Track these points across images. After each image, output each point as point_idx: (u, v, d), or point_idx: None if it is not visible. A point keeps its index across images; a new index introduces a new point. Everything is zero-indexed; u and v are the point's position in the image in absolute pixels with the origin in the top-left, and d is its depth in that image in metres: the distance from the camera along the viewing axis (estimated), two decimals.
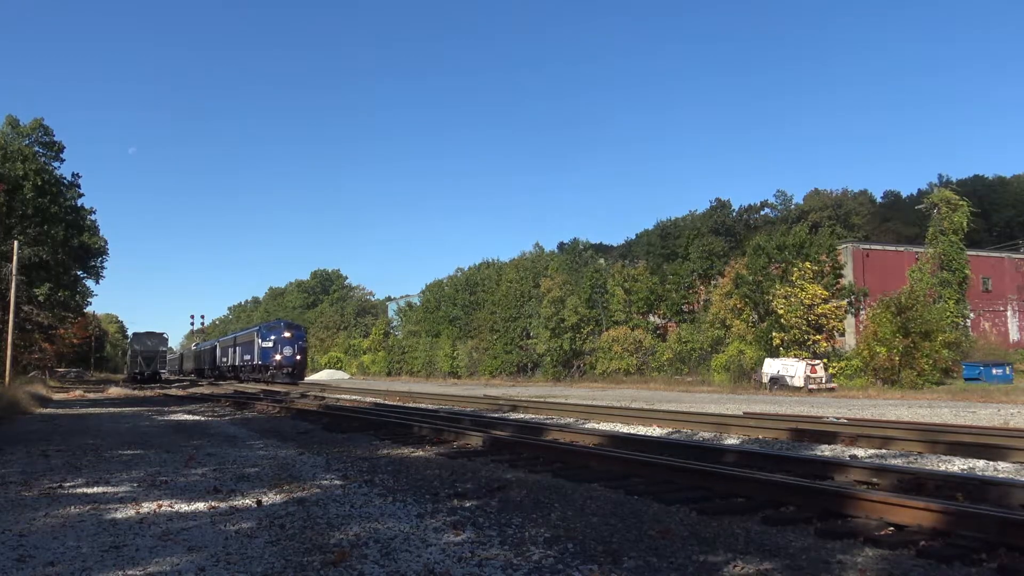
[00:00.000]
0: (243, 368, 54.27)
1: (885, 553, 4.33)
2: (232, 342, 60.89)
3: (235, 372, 57.36)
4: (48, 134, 42.20)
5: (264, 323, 56.54)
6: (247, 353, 52.45)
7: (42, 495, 6.41)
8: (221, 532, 4.90)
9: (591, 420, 14.32)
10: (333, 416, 15.33)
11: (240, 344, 56.39)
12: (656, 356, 47.23)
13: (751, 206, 75.00)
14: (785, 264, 38.52)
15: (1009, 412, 17.33)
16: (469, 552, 4.30)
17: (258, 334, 50.04)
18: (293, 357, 47.71)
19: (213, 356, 67.80)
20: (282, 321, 53.66)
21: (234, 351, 57.91)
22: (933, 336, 32.90)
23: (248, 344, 52.85)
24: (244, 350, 54.08)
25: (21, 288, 34.64)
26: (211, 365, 68.04)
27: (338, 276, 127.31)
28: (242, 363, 54.12)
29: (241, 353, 54.50)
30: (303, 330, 54.51)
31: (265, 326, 51.75)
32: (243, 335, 57.78)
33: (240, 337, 58.78)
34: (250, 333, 54.31)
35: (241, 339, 57.56)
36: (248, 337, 54.13)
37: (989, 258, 54.59)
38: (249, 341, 52.68)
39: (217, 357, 65.35)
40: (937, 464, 8.00)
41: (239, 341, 57.87)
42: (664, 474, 6.88)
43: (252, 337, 51.90)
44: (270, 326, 51.45)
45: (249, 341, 52.68)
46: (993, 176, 79.00)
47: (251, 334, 53.14)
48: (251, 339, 52.03)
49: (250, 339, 52.61)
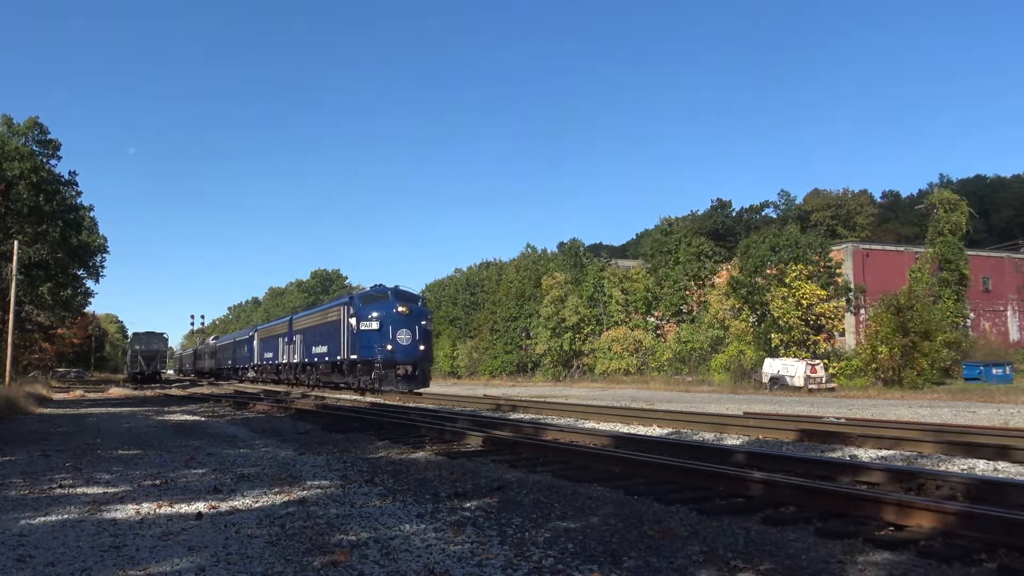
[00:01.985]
0: (305, 367, 35.86)
1: (885, 553, 4.33)
2: (284, 330, 40.49)
3: (283, 372, 40.29)
4: (44, 132, 42.10)
5: (357, 292, 34.43)
6: (321, 342, 33.03)
7: (42, 495, 6.41)
8: (221, 532, 4.90)
9: (591, 420, 14.32)
10: (333, 416, 15.32)
11: (303, 331, 36.52)
12: (656, 356, 47.24)
13: (752, 206, 75.04)
14: (780, 265, 38.56)
15: (1009, 412, 17.33)
16: (469, 552, 4.30)
17: (350, 310, 29.52)
18: (415, 347, 27.66)
19: (239, 352, 52.74)
20: (388, 288, 29.53)
21: (286, 343, 39.28)
22: (933, 336, 32.92)
23: (324, 330, 33.02)
24: (311, 338, 34.70)
25: (21, 288, 34.66)
26: (236, 364, 53.28)
27: (338, 276, 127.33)
28: (307, 359, 35.26)
29: (306, 345, 35.56)
30: (423, 302, 32.00)
31: (361, 296, 30.20)
32: (307, 317, 37.37)
33: (301, 321, 37.91)
34: (327, 312, 33.60)
35: (303, 323, 37.05)
36: (322, 319, 33.84)
37: (989, 258, 54.60)
38: (326, 325, 32.70)
39: (249, 353, 48.88)
40: (937, 464, 8.00)
41: (298, 327, 37.65)
42: (664, 474, 6.87)
43: (335, 316, 31.44)
44: (370, 296, 29.75)
45: (326, 325, 32.70)
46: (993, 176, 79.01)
47: (331, 313, 32.51)
48: (331, 320, 32.10)
49: (329, 320, 32.40)
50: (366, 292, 30.22)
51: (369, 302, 28.76)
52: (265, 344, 45.08)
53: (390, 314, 27.39)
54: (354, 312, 28.81)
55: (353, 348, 28.61)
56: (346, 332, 29.35)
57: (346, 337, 29.32)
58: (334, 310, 32.13)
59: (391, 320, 27.24)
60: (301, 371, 36.82)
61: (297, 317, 39.63)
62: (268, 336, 44.92)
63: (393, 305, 27.79)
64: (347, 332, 29.28)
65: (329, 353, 31.83)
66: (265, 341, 45.26)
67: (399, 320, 27.33)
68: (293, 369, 38.34)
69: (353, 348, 28.61)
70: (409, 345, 27.17)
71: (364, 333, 27.64)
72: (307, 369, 35.76)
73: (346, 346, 29.37)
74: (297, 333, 37.40)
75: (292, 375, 38.55)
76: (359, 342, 27.88)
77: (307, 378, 35.86)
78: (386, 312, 27.51)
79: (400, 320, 27.34)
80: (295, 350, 37.50)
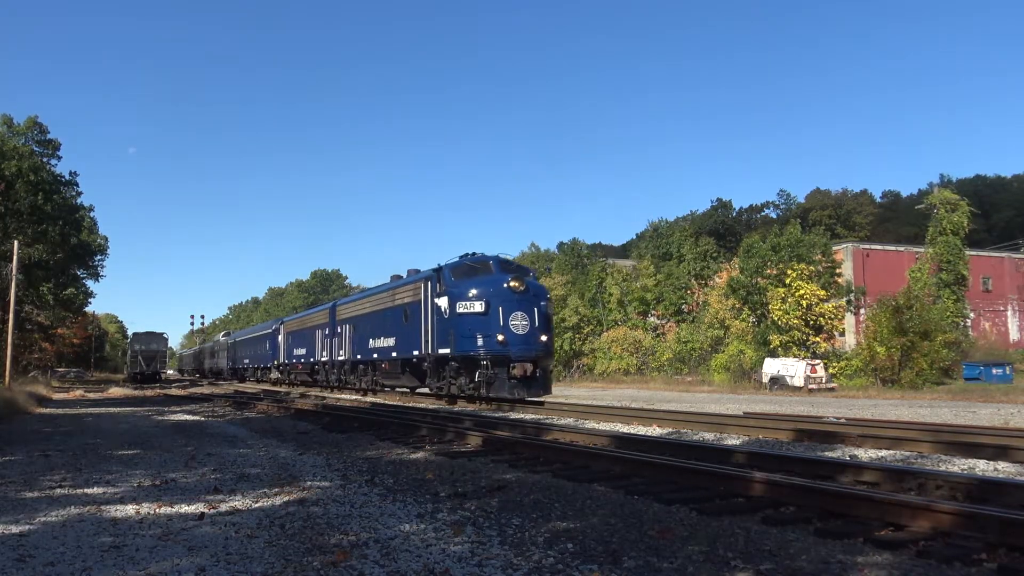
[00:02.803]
0: (357, 365, 28.18)
1: (885, 553, 4.33)
2: (322, 320, 32.88)
3: (321, 372, 33.11)
4: (43, 132, 42.14)
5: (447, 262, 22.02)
6: (385, 332, 25.09)
7: (42, 495, 6.40)
8: (221, 532, 4.90)
9: (591, 420, 14.32)
10: (333, 416, 15.33)
11: (353, 320, 28.54)
12: (656, 356, 47.24)
13: (752, 206, 75.08)
14: (780, 265, 38.56)
15: (1009, 412, 17.33)
16: (469, 552, 4.30)
17: (435, 286, 21.37)
18: (535, 338, 19.71)
19: (258, 349, 45.89)
20: (488, 256, 21.72)
21: (328, 336, 31.63)
22: (932, 336, 32.93)
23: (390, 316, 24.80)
24: (369, 329, 26.69)
25: (21, 288, 34.66)
26: (255, 363, 46.81)
27: (338, 276, 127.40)
28: (361, 355, 27.45)
29: (359, 337, 27.70)
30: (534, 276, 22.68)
31: (452, 268, 21.30)
32: (360, 302, 28.89)
33: (350, 308, 29.68)
34: (396, 292, 24.81)
35: (354, 310, 28.92)
36: (387, 302, 25.31)
37: (989, 258, 54.65)
38: (394, 310, 24.49)
39: (272, 350, 41.84)
40: (936, 464, 8.00)
41: (346, 315, 29.61)
42: (664, 474, 6.87)
43: (409, 296, 23.33)
44: (465, 267, 21.34)
45: (394, 310, 24.49)
46: (993, 176, 79.00)
47: (402, 293, 24.17)
48: (401, 303, 23.92)
49: (399, 303, 24.11)
50: (456, 262, 21.23)
51: (465, 275, 20.52)
52: (295, 339, 37.51)
53: (499, 292, 19.44)
54: (443, 289, 20.61)
55: (442, 339, 20.50)
56: (429, 317, 21.33)
57: (430, 324, 21.23)
58: (407, 289, 23.72)
59: (501, 300, 19.29)
60: (350, 371, 29.07)
61: (344, 303, 31.50)
62: (300, 329, 37.20)
63: (501, 279, 19.75)
64: (431, 317, 21.21)
65: (399, 347, 23.74)
66: (295, 335, 37.66)
67: (512, 300, 19.39)
68: (338, 368, 30.50)
69: (442, 339, 20.50)
70: (527, 334, 19.19)
71: (462, 318, 19.58)
72: (360, 368, 28.04)
73: (429, 337, 21.23)
74: (344, 323, 29.60)
75: (337, 375, 30.80)
76: (454, 331, 19.77)
77: (358, 380, 28.17)
78: (493, 289, 19.54)
79: (513, 300, 19.40)
80: (341, 344, 29.77)
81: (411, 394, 24.66)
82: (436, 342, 20.92)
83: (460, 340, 19.68)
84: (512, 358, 18.86)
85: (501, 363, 18.82)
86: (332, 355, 30.98)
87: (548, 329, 20.34)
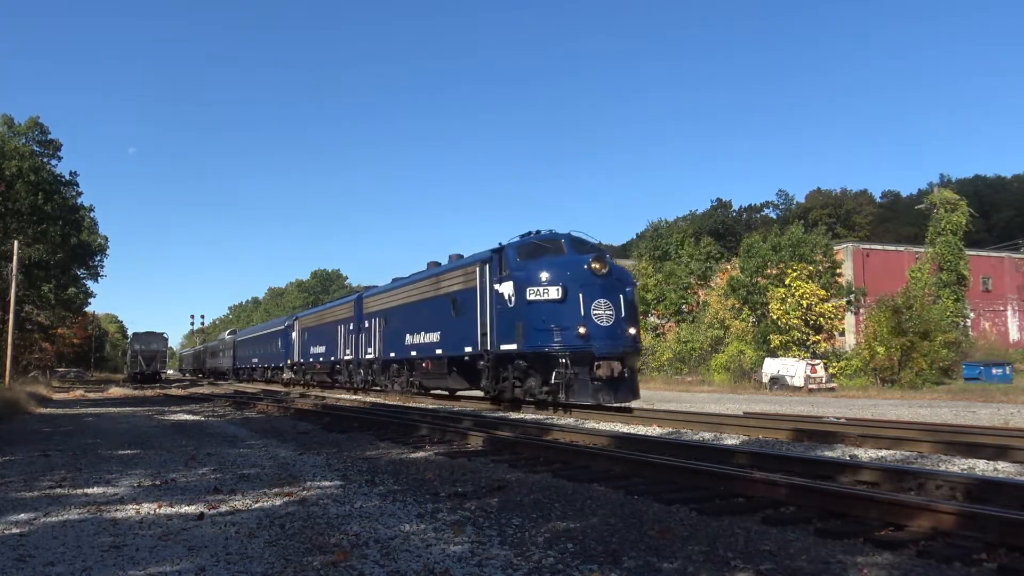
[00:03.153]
0: (390, 365, 24.75)
1: (885, 553, 4.33)
2: (346, 314, 29.31)
3: (343, 373, 29.80)
4: (44, 132, 42.19)
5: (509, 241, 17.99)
6: (428, 326, 21.52)
7: (42, 495, 6.40)
8: (221, 532, 4.90)
9: (591, 420, 14.31)
10: (333, 416, 15.33)
11: (385, 313, 24.96)
12: (656, 356, 47.23)
13: (752, 206, 75.11)
14: (780, 265, 38.58)
15: (1009, 412, 17.33)
16: (469, 552, 4.30)
17: (497, 268, 17.73)
18: (622, 330, 16.17)
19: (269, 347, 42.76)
20: (560, 233, 17.62)
21: (352, 332, 28.21)
22: (932, 336, 32.94)
23: (435, 307, 21.21)
24: (405, 322, 23.16)
25: (22, 288, 34.66)
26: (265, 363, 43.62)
27: (338, 276, 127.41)
28: (395, 353, 23.89)
29: (392, 332, 24.25)
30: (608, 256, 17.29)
31: (516, 247, 17.49)
32: (395, 292, 24.79)
33: (380, 300, 25.99)
34: (442, 280, 21.26)
35: (387, 301, 25.20)
36: (430, 290, 21.81)
37: (989, 258, 54.67)
38: (439, 299, 20.99)
39: (285, 348, 38.94)
40: (936, 464, 8.00)
41: (375, 308, 26.11)
42: (664, 474, 6.88)
43: (461, 282, 19.76)
44: (533, 246, 17.48)
45: (439, 299, 20.99)
46: (993, 176, 79.01)
47: (449, 280, 20.69)
48: (448, 290, 20.43)
49: (445, 291, 20.66)
50: (520, 241, 17.64)
51: (533, 256, 16.97)
52: (312, 335, 34.42)
53: (578, 274, 16.04)
54: (506, 273, 17.11)
55: (504, 333, 16.98)
56: (487, 308, 17.71)
57: (488, 316, 17.66)
58: (456, 275, 19.97)
59: (581, 285, 15.88)
60: (380, 371, 25.44)
61: (373, 294, 27.26)
62: (318, 325, 34.00)
63: (579, 260, 16.33)
64: (490, 307, 17.60)
65: (445, 343, 20.17)
66: (312, 331, 34.51)
67: (594, 285, 15.95)
68: (365, 368, 26.97)
69: (504, 333, 16.98)
70: (613, 326, 15.81)
71: (533, 307, 16.06)
72: (393, 368, 24.43)
73: (488, 330, 17.62)
74: (373, 317, 26.09)
75: (363, 376, 27.27)
76: (522, 322, 16.27)
77: (391, 381, 24.60)
78: (571, 272, 16.11)
79: (595, 285, 15.96)
80: (369, 341, 26.30)
81: (456, 397, 22.28)
82: (496, 336, 17.32)
83: (531, 334, 16.06)
84: (596, 355, 15.32)
85: (582, 361, 15.30)
86: (358, 353, 27.51)
87: (636, 320, 17.08)
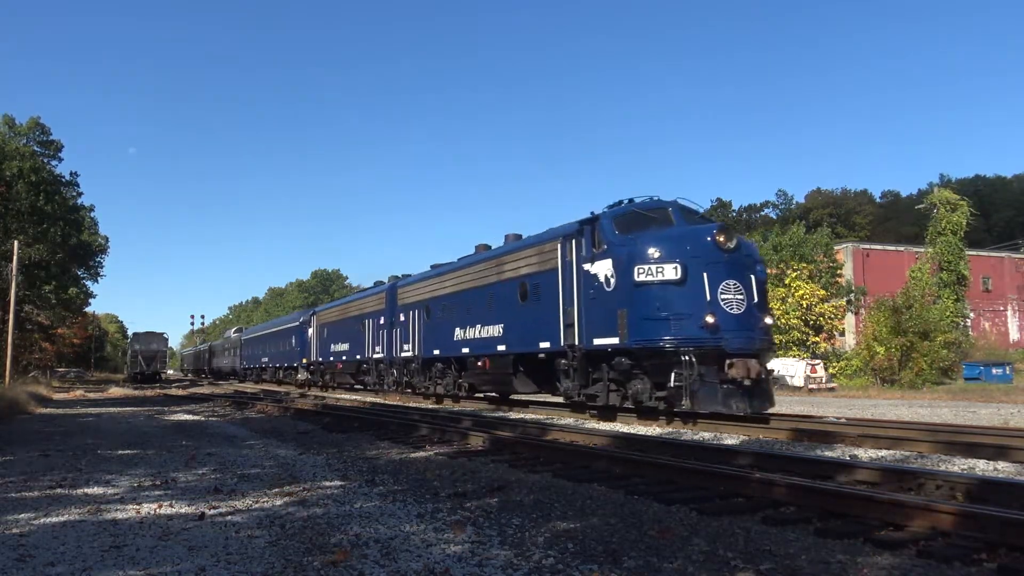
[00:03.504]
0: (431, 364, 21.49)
1: (885, 553, 4.33)
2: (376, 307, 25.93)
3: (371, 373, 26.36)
4: (45, 133, 42.26)
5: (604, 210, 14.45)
6: (483, 318, 18.15)
7: (42, 495, 6.41)
8: (221, 532, 4.90)
9: (591, 420, 14.31)
10: (333, 416, 15.33)
11: (427, 303, 21.68)
12: None
13: (751, 206, 75.14)
14: (781, 265, 38.58)
15: (1009, 412, 17.33)
16: (469, 552, 4.30)
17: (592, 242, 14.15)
18: (756, 320, 12.76)
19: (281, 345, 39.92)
20: (667, 202, 14.17)
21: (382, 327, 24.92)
22: (932, 336, 32.95)
23: (494, 294, 17.78)
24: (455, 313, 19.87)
25: (22, 288, 34.67)
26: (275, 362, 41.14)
27: (338, 276, 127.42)
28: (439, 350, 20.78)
29: (436, 326, 21.02)
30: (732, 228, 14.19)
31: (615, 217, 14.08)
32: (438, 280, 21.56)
33: (418, 289, 22.71)
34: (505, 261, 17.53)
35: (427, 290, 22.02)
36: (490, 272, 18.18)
37: (989, 258, 54.68)
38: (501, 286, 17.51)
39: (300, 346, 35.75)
40: (936, 464, 8.00)
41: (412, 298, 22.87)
42: (664, 474, 6.88)
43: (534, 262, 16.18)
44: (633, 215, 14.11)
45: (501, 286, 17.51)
46: (993, 176, 79.00)
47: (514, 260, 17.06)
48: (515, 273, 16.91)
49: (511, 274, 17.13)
50: (620, 209, 14.43)
51: (636, 227, 13.77)
52: (333, 332, 30.99)
53: (700, 249, 12.78)
54: (603, 248, 13.83)
55: (601, 323, 13.61)
56: (575, 292, 14.43)
57: (576, 301, 14.35)
58: (527, 255, 16.50)
59: (705, 262, 12.63)
60: (420, 371, 21.98)
61: (411, 283, 23.40)
62: (339, 320, 30.32)
63: (700, 233, 13.13)
64: (577, 291, 14.36)
65: (512, 338, 16.85)
66: (333, 327, 31.05)
67: (719, 263, 12.70)
68: (399, 367, 23.49)
69: (601, 323, 13.61)
70: (745, 314, 12.59)
71: (643, 291, 12.80)
72: (436, 368, 21.09)
73: (577, 319, 14.27)
74: (411, 309, 22.55)
75: (397, 377, 23.79)
76: (629, 309, 12.96)
77: (433, 383, 21.28)
78: (691, 246, 12.84)
79: (721, 263, 12.70)
80: (406, 336, 22.79)
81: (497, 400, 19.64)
82: (587, 328, 13.98)
83: (640, 324, 12.72)
84: (728, 351, 12.20)
85: (709, 359, 12.20)
86: (390, 350, 24.08)
87: (768, 307, 13.90)
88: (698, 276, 12.51)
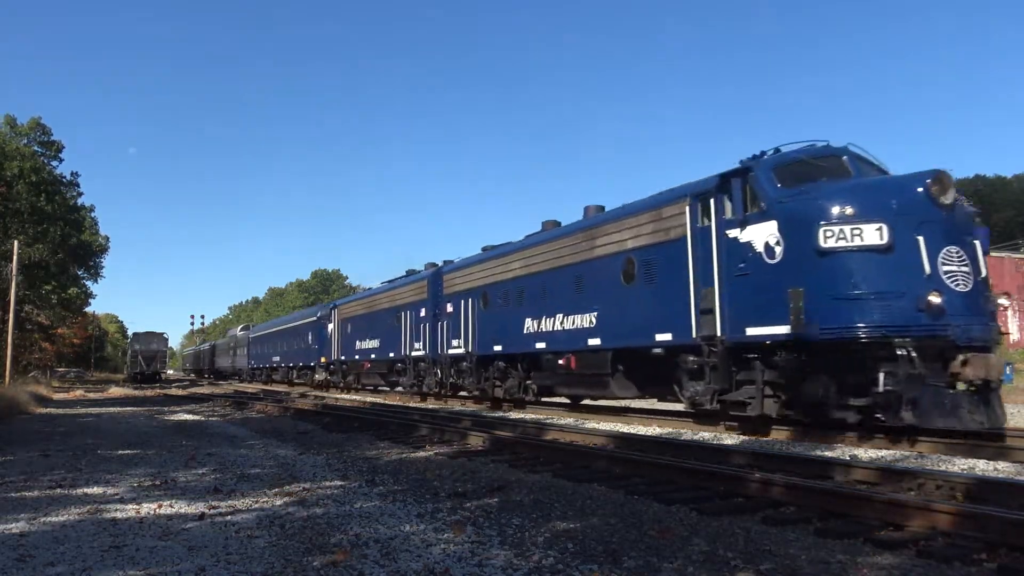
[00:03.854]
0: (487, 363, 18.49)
1: (885, 552, 4.33)
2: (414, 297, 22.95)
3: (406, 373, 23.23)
4: (46, 133, 42.25)
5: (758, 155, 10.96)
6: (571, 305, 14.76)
7: (42, 495, 6.41)
8: (221, 532, 4.90)
9: (591, 420, 14.32)
10: (333, 416, 15.34)
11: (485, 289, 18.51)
12: None
13: None
14: None
15: (1009, 412, 17.30)
16: (469, 552, 4.30)
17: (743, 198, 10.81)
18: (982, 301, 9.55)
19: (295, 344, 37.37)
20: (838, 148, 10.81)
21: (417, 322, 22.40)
22: None
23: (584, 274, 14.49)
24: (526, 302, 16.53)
25: (22, 288, 34.68)
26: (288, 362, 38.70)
27: (338, 276, 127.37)
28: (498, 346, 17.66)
29: (491, 319, 18.14)
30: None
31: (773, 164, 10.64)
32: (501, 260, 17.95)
33: (472, 274, 19.36)
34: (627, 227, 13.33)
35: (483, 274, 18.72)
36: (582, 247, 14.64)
37: (989, 258, 54.58)
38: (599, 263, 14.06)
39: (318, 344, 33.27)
40: (936, 464, 8.00)
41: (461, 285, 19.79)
42: (664, 474, 6.88)
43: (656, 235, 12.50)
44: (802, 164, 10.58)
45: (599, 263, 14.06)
46: (993, 176, 78.96)
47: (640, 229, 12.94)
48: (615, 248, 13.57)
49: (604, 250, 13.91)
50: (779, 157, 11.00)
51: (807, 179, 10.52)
52: (359, 327, 27.75)
53: (908, 205, 9.48)
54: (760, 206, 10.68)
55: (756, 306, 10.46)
56: (714, 266, 11.27)
57: (717, 279, 11.18)
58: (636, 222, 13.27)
59: (916, 221, 9.35)
60: (473, 370, 19.00)
61: (458, 268, 20.61)
62: (367, 313, 27.05)
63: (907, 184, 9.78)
64: (718, 266, 11.20)
65: (606, 329, 13.98)
66: (359, 322, 27.83)
67: (936, 223, 9.43)
68: (445, 366, 20.47)
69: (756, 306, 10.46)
70: (973, 292, 9.50)
71: (831, 261, 9.59)
72: (497, 366, 18.10)
73: (716, 303, 11.11)
74: (460, 298, 19.65)
75: (443, 378, 20.78)
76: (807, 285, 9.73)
77: (490, 385, 18.48)
78: (897, 201, 9.54)
79: (938, 224, 9.45)
80: (455, 330, 19.86)
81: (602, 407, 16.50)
82: (733, 314, 10.85)
83: (828, 306, 9.55)
84: (958, 342, 9.09)
85: (931, 353, 9.12)
86: (435, 347, 21.06)
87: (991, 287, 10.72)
88: (910, 241, 9.24)
